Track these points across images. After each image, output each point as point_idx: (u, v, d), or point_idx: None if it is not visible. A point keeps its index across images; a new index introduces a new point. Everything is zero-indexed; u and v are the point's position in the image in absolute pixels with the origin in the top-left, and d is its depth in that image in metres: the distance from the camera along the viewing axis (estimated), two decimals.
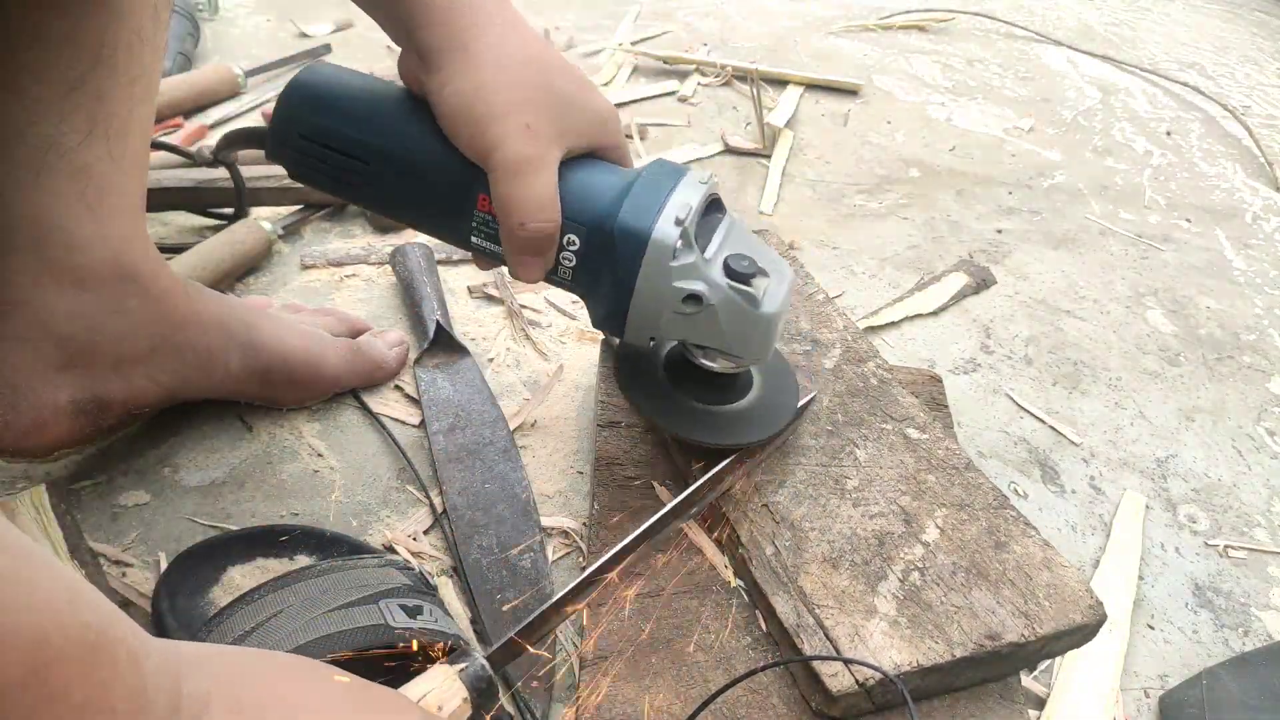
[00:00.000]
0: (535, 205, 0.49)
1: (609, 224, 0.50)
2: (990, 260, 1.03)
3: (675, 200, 0.50)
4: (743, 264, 0.50)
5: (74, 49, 0.51)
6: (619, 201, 0.50)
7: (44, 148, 0.53)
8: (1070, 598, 0.52)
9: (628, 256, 0.50)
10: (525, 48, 0.51)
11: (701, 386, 0.58)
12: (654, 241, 0.49)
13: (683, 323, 0.52)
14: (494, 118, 0.49)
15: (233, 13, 1.40)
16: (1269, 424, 0.84)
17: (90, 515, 0.61)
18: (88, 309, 0.57)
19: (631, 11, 1.56)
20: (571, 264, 0.52)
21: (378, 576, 0.49)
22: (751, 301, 0.51)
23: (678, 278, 0.50)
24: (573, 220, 0.51)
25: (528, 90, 0.49)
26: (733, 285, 0.50)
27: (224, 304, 0.65)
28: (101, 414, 0.60)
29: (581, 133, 0.52)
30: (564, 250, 0.52)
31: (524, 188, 0.49)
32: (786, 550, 0.54)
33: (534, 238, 0.50)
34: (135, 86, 0.55)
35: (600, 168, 0.54)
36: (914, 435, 0.63)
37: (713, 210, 0.53)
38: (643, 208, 0.50)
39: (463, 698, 0.41)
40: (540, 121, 0.49)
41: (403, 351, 0.75)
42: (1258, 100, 1.55)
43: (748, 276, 0.50)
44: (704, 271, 0.50)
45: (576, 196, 0.51)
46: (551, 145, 0.50)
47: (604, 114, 0.54)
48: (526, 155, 0.49)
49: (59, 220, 0.54)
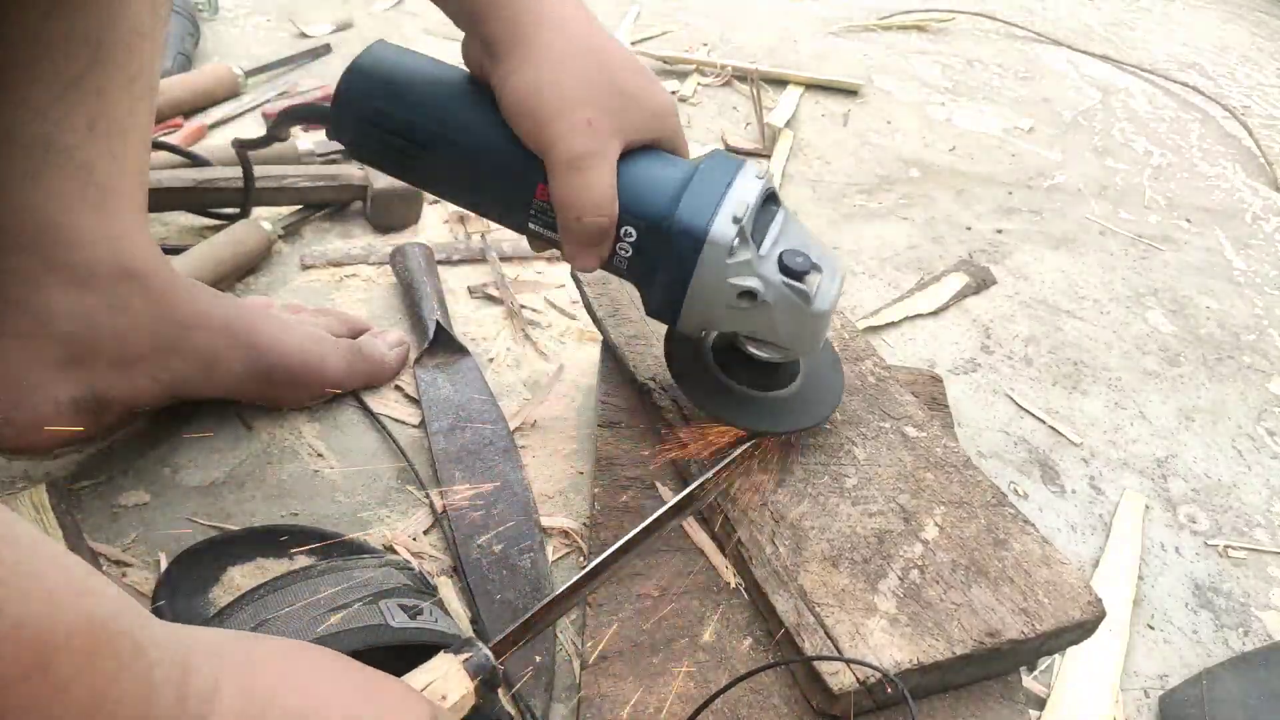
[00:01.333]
0: (593, 200, 0.50)
1: (667, 220, 0.51)
2: (990, 260, 1.03)
3: (732, 197, 0.50)
4: (797, 260, 0.51)
5: (72, 47, 0.51)
6: (677, 197, 0.51)
7: (44, 146, 0.53)
8: (1069, 594, 0.52)
9: (684, 253, 0.50)
10: (588, 41, 0.51)
11: (751, 373, 0.58)
12: (711, 239, 0.50)
13: (737, 316, 0.52)
14: (555, 112, 0.49)
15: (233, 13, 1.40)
16: (1269, 424, 0.84)
17: (90, 515, 0.61)
18: (89, 307, 0.57)
19: (631, 11, 1.56)
20: (628, 255, 0.53)
21: (378, 576, 0.49)
22: (805, 298, 0.51)
23: (734, 275, 0.50)
24: (631, 214, 0.51)
25: (589, 85, 0.50)
26: (787, 282, 0.51)
27: (225, 304, 0.65)
28: (102, 412, 0.60)
29: (641, 127, 0.52)
30: (621, 242, 0.52)
31: (582, 183, 0.49)
32: (786, 549, 0.54)
33: (590, 231, 0.51)
34: (135, 84, 0.55)
35: (659, 161, 0.54)
36: (912, 433, 0.63)
37: (768, 204, 0.53)
38: (700, 204, 0.50)
39: (467, 687, 0.41)
40: (600, 116, 0.50)
41: (403, 352, 0.75)
42: (1258, 100, 1.55)
43: (802, 273, 0.51)
44: (759, 268, 0.51)
45: (634, 190, 0.51)
46: (611, 140, 0.50)
47: (663, 107, 0.54)
48: (586, 150, 0.49)
49: (60, 218, 0.54)
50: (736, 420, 0.58)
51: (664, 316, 0.55)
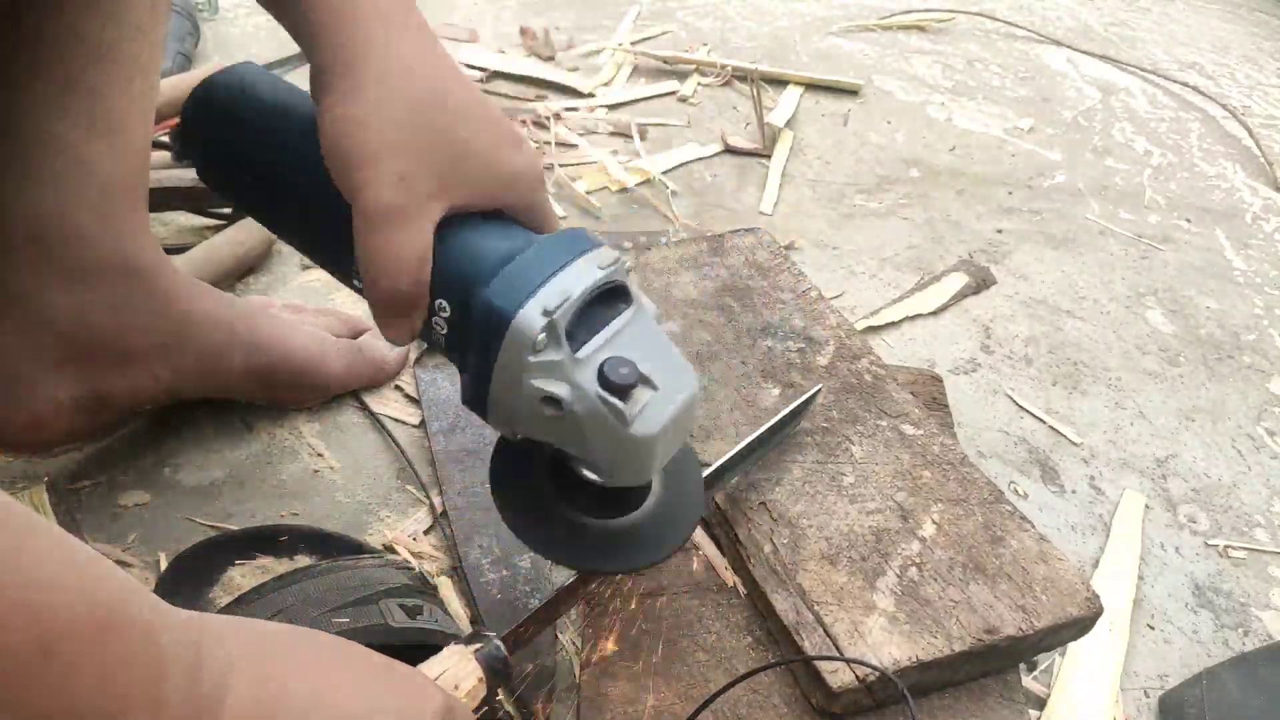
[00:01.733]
0: (394, 264, 0.43)
1: (476, 296, 0.43)
2: (990, 260, 1.03)
3: (555, 285, 0.42)
4: (620, 372, 0.42)
5: (71, 45, 0.51)
6: (495, 271, 0.43)
7: (44, 144, 0.53)
8: (1067, 591, 0.53)
9: (488, 338, 0.42)
10: (426, 83, 0.44)
11: (582, 497, 0.48)
12: (514, 327, 0.41)
13: (544, 425, 0.43)
14: (364, 159, 0.42)
15: (233, 13, 1.40)
16: (1269, 424, 0.84)
17: (90, 515, 0.61)
18: (89, 305, 0.57)
19: (631, 11, 1.56)
20: (444, 331, 0.46)
21: (378, 576, 0.49)
22: (620, 418, 0.42)
23: (537, 374, 0.42)
24: (444, 285, 0.44)
25: (413, 133, 0.43)
26: (602, 395, 0.42)
27: (226, 303, 0.65)
28: (102, 410, 0.60)
29: (476, 188, 0.45)
30: (436, 315, 0.45)
31: (385, 243, 0.43)
32: (785, 548, 0.54)
33: (389, 298, 0.44)
34: (134, 82, 0.55)
35: (494, 230, 0.46)
36: (909, 431, 0.63)
37: (612, 300, 0.45)
38: (514, 286, 0.42)
39: (478, 677, 0.41)
40: (419, 171, 0.43)
41: (403, 352, 0.75)
42: (1258, 100, 1.55)
43: (623, 388, 0.42)
44: (570, 373, 0.42)
45: (453, 258, 0.44)
46: (429, 199, 0.43)
47: (514, 171, 0.46)
48: (393, 206, 0.42)
49: (60, 216, 0.54)
50: (546, 553, 0.50)
51: (475, 408, 0.46)
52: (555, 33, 1.45)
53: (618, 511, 0.48)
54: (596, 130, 1.19)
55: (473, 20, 1.47)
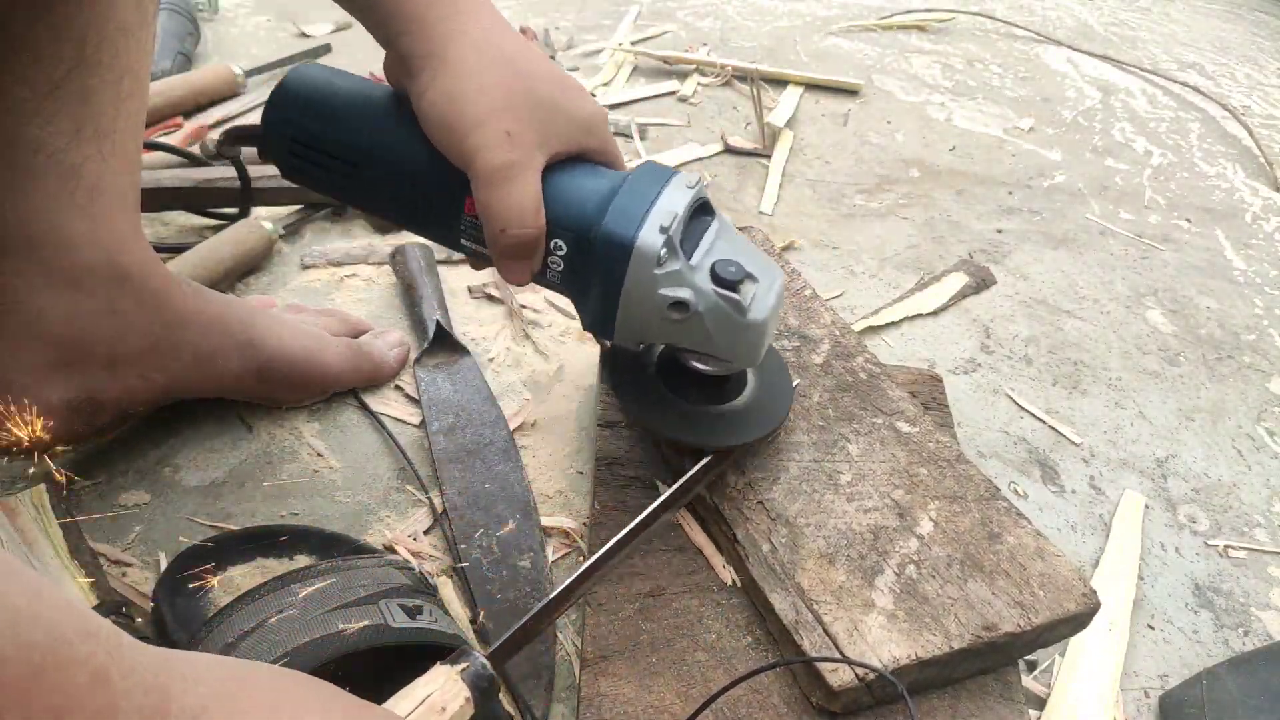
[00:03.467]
0: (516, 212, 0.49)
1: (594, 230, 0.50)
2: (990, 260, 1.03)
3: (660, 206, 0.49)
4: (729, 270, 0.50)
5: (57, 48, 0.51)
6: (604, 207, 0.50)
7: (32, 149, 0.53)
8: (1064, 587, 0.53)
9: (613, 263, 0.49)
10: (505, 52, 0.50)
11: (693, 387, 0.57)
12: (638, 249, 0.49)
13: (671, 328, 0.51)
14: (473, 125, 0.48)
15: (233, 13, 1.40)
16: (1269, 424, 0.84)
17: (90, 515, 0.61)
18: (81, 309, 0.57)
19: (631, 11, 1.56)
20: (560, 268, 0.52)
21: (378, 576, 0.49)
22: (738, 308, 0.50)
23: (663, 285, 0.49)
24: (559, 225, 0.51)
25: (507, 96, 0.49)
26: (719, 292, 0.50)
27: (222, 303, 0.65)
28: (96, 413, 0.60)
29: (566, 137, 0.52)
30: (551, 254, 0.52)
31: (505, 195, 0.49)
32: (783, 547, 0.54)
33: (516, 244, 0.50)
34: (122, 84, 0.55)
35: (587, 171, 0.53)
36: (905, 429, 0.63)
37: (701, 214, 0.52)
38: (627, 214, 0.49)
39: (465, 698, 0.41)
40: (521, 127, 0.49)
41: (403, 352, 0.75)
42: (1258, 100, 1.55)
43: (734, 283, 0.50)
44: (690, 278, 0.49)
45: (562, 202, 0.51)
46: (533, 151, 0.49)
47: (590, 117, 0.53)
48: (507, 162, 0.48)
49: (51, 221, 0.54)
50: (677, 436, 0.57)
51: (600, 330, 0.54)
52: (555, 33, 1.45)
53: (726, 398, 0.58)
54: None
55: None
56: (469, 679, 0.42)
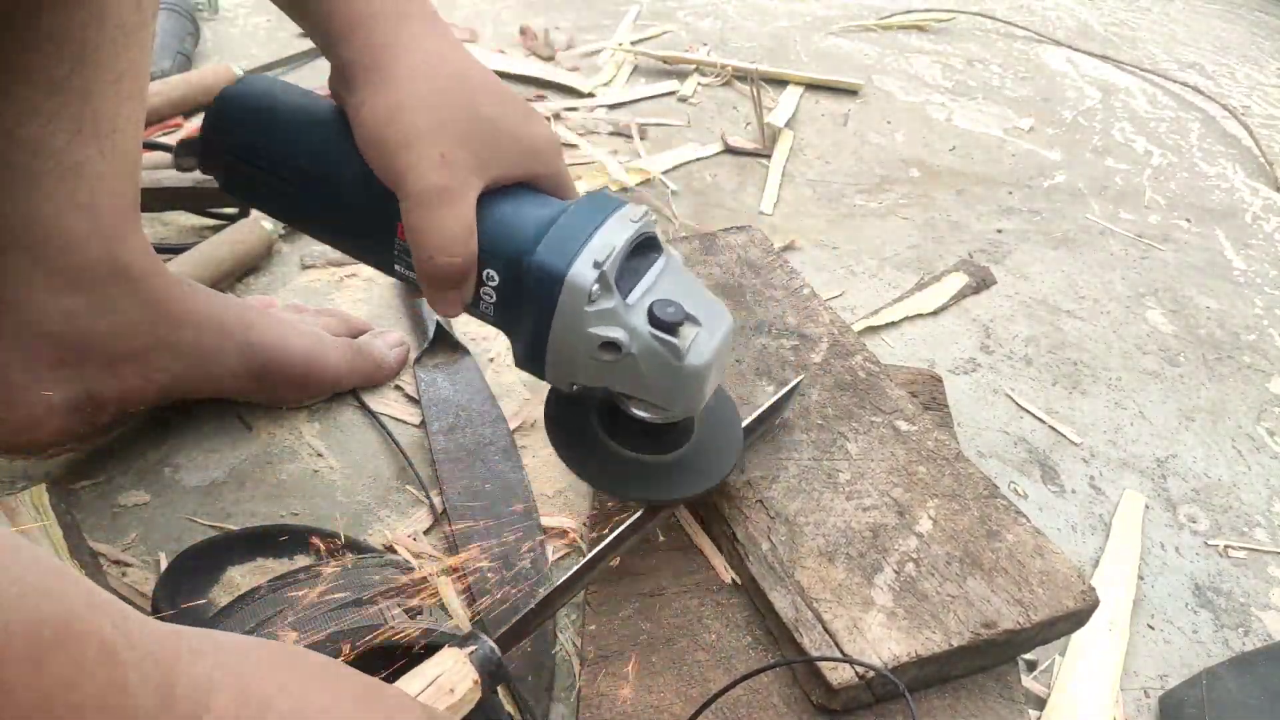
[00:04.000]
0: (446, 238, 0.46)
1: (526, 261, 0.47)
2: (990, 260, 1.03)
3: (598, 240, 0.46)
4: (668, 311, 0.47)
5: (56, 48, 0.51)
6: (539, 237, 0.47)
7: (32, 149, 0.53)
8: (1063, 584, 0.53)
9: (543, 297, 0.47)
10: (451, 70, 0.48)
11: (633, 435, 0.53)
12: (568, 283, 0.46)
13: (602, 369, 0.48)
14: (406, 144, 0.46)
15: (233, 13, 1.40)
16: (1269, 424, 0.84)
17: (90, 515, 0.61)
18: (81, 308, 0.57)
19: (631, 11, 1.56)
20: (492, 299, 0.50)
21: (378, 576, 0.49)
22: (675, 352, 0.47)
23: (594, 323, 0.46)
24: (491, 254, 0.48)
25: (447, 116, 0.47)
26: (655, 333, 0.47)
27: (222, 303, 0.65)
28: (95, 412, 0.60)
29: (509, 163, 0.49)
30: (484, 285, 0.49)
31: (434, 220, 0.46)
32: (782, 545, 0.54)
33: (444, 273, 0.47)
34: (122, 83, 0.54)
35: (528, 200, 0.50)
36: (904, 427, 0.63)
37: (645, 251, 0.49)
38: (561, 247, 0.46)
39: (473, 680, 0.41)
40: (457, 150, 0.46)
41: (403, 352, 0.75)
42: (1258, 100, 1.55)
43: (672, 325, 0.47)
44: (624, 317, 0.47)
45: (497, 230, 0.48)
46: (470, 175, 0.47)
47: (538, 143, 0.50)
48: (438, 185, 0.46)
49: (51, 220, 0.54)
50: (612, 490, 0.55)
51: (531, 367, 0.51)
52: (555, 33, 1.45)
53: (667, 447, 0.54)
54: (596, 130, 1.19)
55: (473, 20, 1.47)
56: (478, 661, 0.42)
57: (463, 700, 0.41)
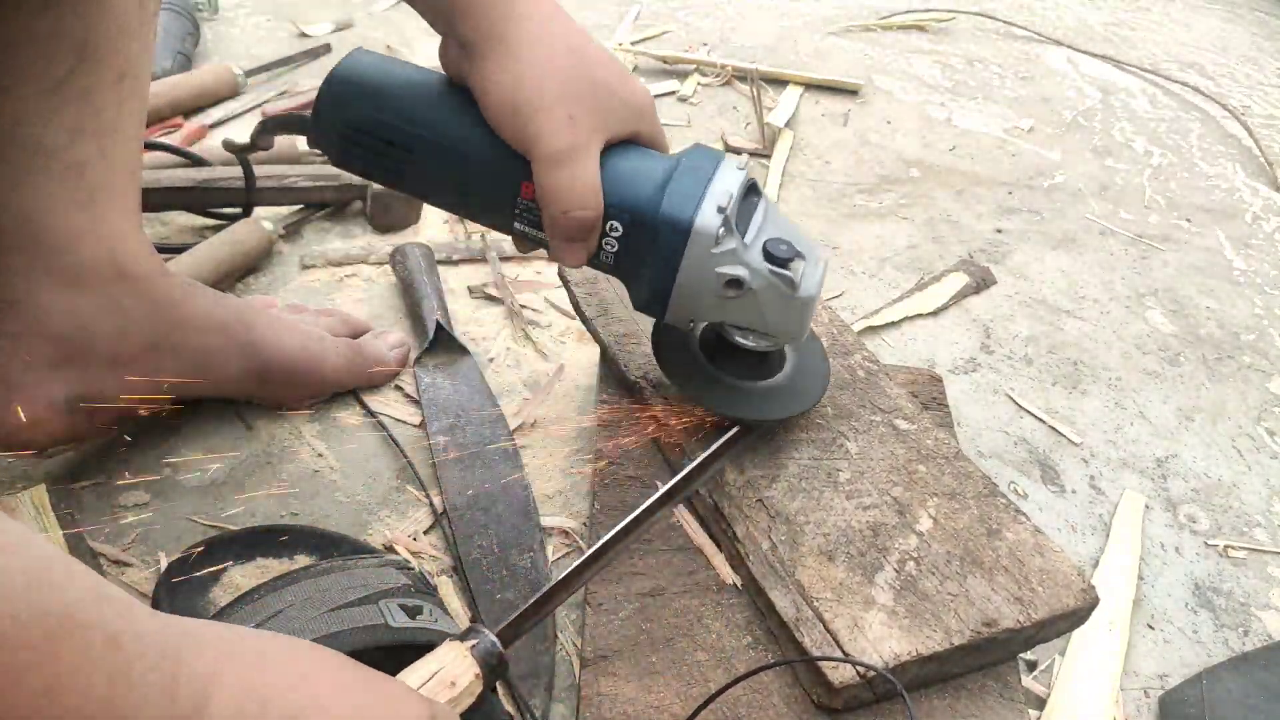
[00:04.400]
0: (579, 194, 0.50)
1: (652, 212, 0.51)
2: (990, 260, 1.03)
3: (716, 188, 0.51)
4: (781, 248, 0.52)
5: (58, 47, 0.51)
6: (661, 189, 0.51)
7: (33, 148, 0.53)
8: (1063, 582, 0.53)
9: (671, 244, 0.51)
10: (565, 38, 0.52)
11: (738, 364, 0.59)
12: (697, 229, 0.50)
13: (724, 306, 0.53)
14: (536, 109, 0.49)
15: (233, 13, 1.40)
16: (1269, 424, 0.84)
17: (90, 515, 0.61)
18: (82, 308, 0.57)
19: (631, 11, 1.56)
20: (614, 249, 0.53)
21: (378, 576, 0.49)
22: (790, 285, 0.52)
23: (720, 264, 0.51)
24: (616, 207, 0.52)
25: (568, 81, 0.50)
26: (773, 270, 0.52)
27: (222, 303, 0.65)
28: (97, 412, 0.60)
29: (622, 121, 0.53)
30: (606, 236, 0.53)
31: (567, 178, 0.50)
32: (783, 544, 0.54)
33: (576, 225, 0.51)
34: (123, 83, 0.55)
35: (641, 154, 0.54)
36: (903, 426, 0.63)
37: (750, 194, 0.54)
38: (685, 196, 0.51)
39: (475, 673, 0.41)
40: (581, 112, 0.50)
41: (403, 352, 0.75)
42: (1258, 100, 1.55)
43: (786, 260, 0.52)
44: (744, 257, 0.51)
45: (619, 184, 0.52)
46: (593, 135, 0.51)
47: (642, 102, 0.54)
48: (569, 145, 0.50)
49: (52, 220, 0.54)
50: (726, 408, 0.58)
51: (652, 310, 0.55)
52: None
53: (767, 373, 0.60)
54: None
55: None
56: (479, 655, 0.42)
57: (464, 693, 0.41)
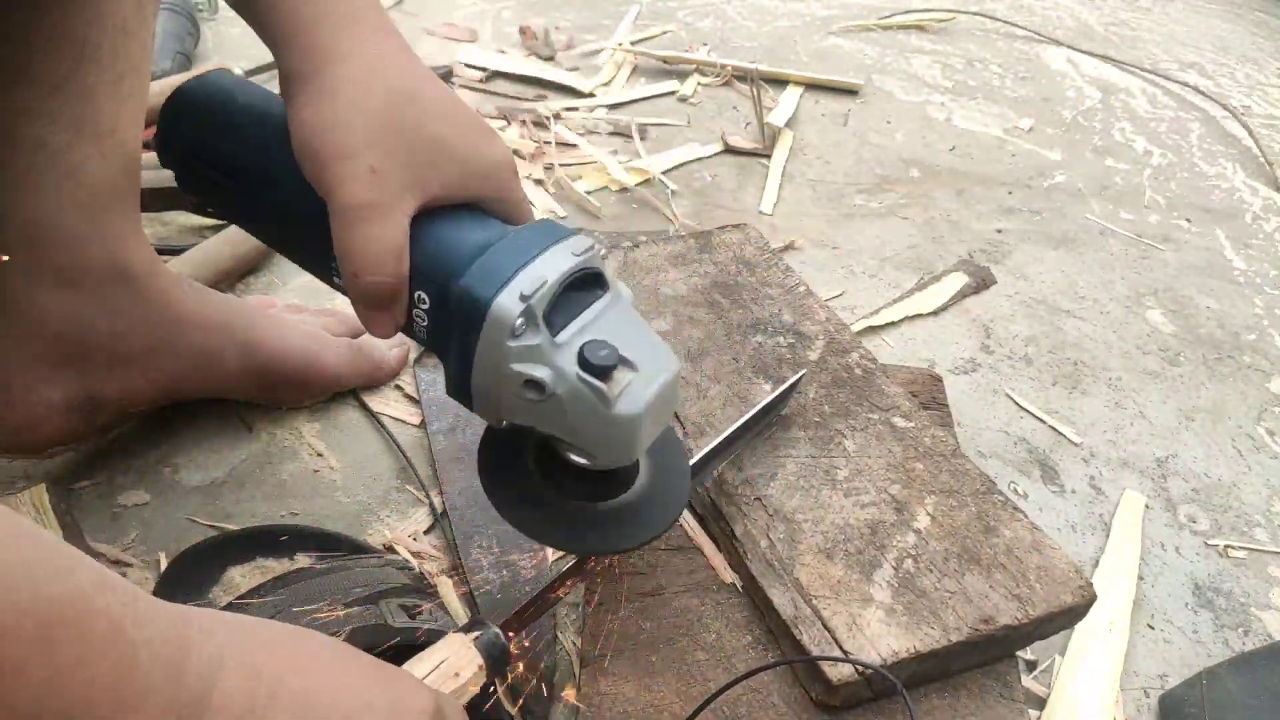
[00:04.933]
0: (372, 257, 0.44)
1: (454, 286, 0.44)
2: (990, 260, 1.03)
3: (531, 271, 0.43)
4: (600, 354, 0.43)
5: (57, 48, 0.51)
6: (469, 262, 0.44)
7: (33, 149, 0.53)
8: (1060, 579, 0.53)
9: (467, 326, 0.44)
10: (395, 82, 0.46)
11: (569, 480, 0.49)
12: (492, 314, 0.43)
13: (529, 409, 0.45)
14: (337, 156, 0.44)
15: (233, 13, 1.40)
16: (1269, 424, 0.84)
17: (90, 515, 0.61)
18: (82, 308, 0.57)
19: (631, 11, 1.56)
20: (424, 323, 0.47)
21: (378, 576, 0.49)
22: (602, 398, 0.43)
23: (516, 359, 0.43)
24: (422, 276, 0.46)
25: (384, 130, 0.44)
26: (583, 377, 0.43)
27: (222, 303, 0.65)
28: (96, 412, 0.60)
29: (452, 182, 0.47)
30: (416, 307, 0.47)
31: (361, 237, 0.44)
32: (781, 543, 0.54)
33: (371, 292, 0.45)
34: (122, 83, 0.54)
35: (469, 222, 0.48)
36: (900, 424, 0.63)
37: (588, 286, 0.46)
38: (490, 274, 0.43)
39: (478, 665, 0.42)
40: (390, 165, 0.44)
41: (403, 351, 0.75)
42: (1258, 100, 1.55)
43: (603, 369, 0.43)
44: (550, 357, 0.43)
45: (430, 251, 0.46)
46: (402, 192, 0.44)
47: (489, 164, 0.48)
48: (367, 201, 0.43)
49: (52, 220, 0.54)
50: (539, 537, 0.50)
51: (460, 398, 0.47)
52: (555, 33, 1.45)
53: (606, 494, 0.49)
54: (596, 130, 1.19)
55: (473, 20, 1.47)
56: (482, 647, 0.42)
57: (468, 684, 0.41)
